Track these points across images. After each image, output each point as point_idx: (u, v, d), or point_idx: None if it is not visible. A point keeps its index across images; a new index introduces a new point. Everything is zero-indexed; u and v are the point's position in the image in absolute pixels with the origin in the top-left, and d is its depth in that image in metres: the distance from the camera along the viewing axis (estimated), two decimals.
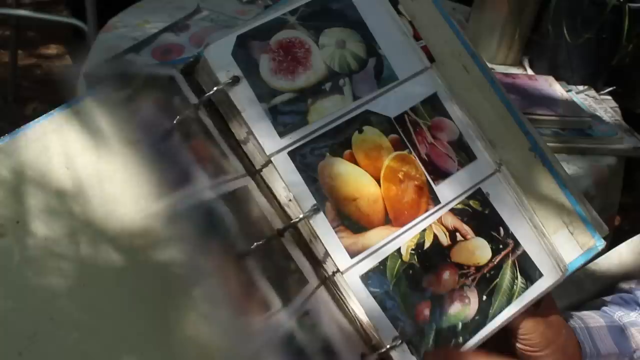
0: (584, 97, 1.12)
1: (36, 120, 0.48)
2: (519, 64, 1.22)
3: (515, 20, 1.14)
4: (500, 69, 1.18)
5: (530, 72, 1.20)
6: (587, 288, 0.77)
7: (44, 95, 2.14)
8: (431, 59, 0.55)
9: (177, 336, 0.46)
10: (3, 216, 0.46)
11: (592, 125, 1.03)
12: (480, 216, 0.53)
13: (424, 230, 0.51)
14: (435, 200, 0.52)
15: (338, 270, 0.49)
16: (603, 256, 0.83)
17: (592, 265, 0.84)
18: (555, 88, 1.08)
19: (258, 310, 0.46)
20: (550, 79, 1.11)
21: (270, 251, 0.48)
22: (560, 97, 1.06)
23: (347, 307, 0.49)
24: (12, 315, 0.45)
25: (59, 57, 2.46)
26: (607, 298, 0.65)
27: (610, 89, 1.17)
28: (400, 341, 0.48)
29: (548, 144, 0.94)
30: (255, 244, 0.47)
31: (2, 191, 0.46)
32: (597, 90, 1.16)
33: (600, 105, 1.11)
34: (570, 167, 0.97)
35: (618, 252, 0.83)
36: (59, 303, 0.45)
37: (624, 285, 0.67)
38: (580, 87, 1.15)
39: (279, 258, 0.49)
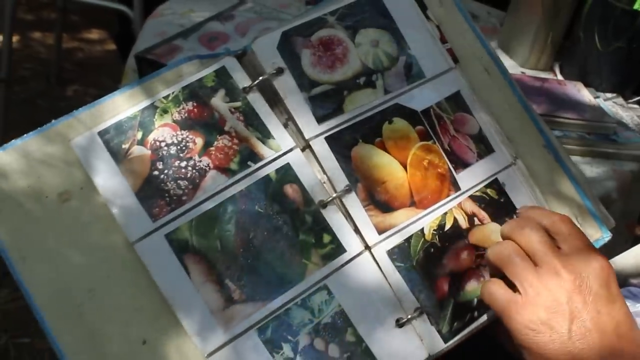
0: (611, 104, 1.15)
1: (112, 94, 0.54)
2: (550, 69, 1.24)
3: (548, 26, 1.16)
4: (531, 73, 1.21)
5: (560, 77, 1.22)
6: None
7: (84, 77, 2.22)
8: (455, 60, 0.60)
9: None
10: (70, 183, 0.52)
11: (617, 131, 1.06)
12: (497, 203, 0.57)
13: (445, 213, 0.56)
14: (456, 186, 0.57)
15: (367, 245, 0.54)
16: (619, 256, 0.86)
17: None
18: (584, 94, 1.11)
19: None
20: (579, 84, 1.14)
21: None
22: (588, 102, 1.08)
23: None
24: (74, 271, 0.50)
25: (101, 41, 2.55)
26: None
27: (639, 98, 1.19)
28: (421, 312, 0.53)
29: (573, 147, 0.99)
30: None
31: (69, 159, 0.52)
32: (626, 99, 1.18)
33: (627, 113, 1.13)
34: (593, 170, 1.00)
35: (634, 252, 0.87)
36: (116, 260, 0.50)
37: (634, 281, 0.71)
38: (609, 95, 1.17)
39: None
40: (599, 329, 0.46)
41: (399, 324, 0.53)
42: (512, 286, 0.49)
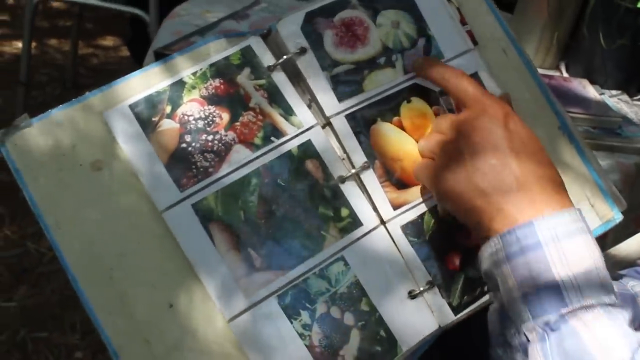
0: (616, 100, 1.16)
1: (130, 74, 0.56)
2: (556, 68, 1.26)
3: (554, 25, 1.18)
4: (538, 71, 1.22)
5: (566, 75, 1.24)
6: (608, 270, 0.83)
7: (99, 82, 2.28)
8: (474, 42, 0.62)
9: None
10: (102, 153, 0.54)
11: (621, 126, 1.08)
12: None
13: None
14: None
15: (382, 220, 0.56)
16: (623, 242, 0.88)
17: (612, 250, 0.90)
18: (589, 90, 1.13)
19: None
20: (585, 81, 1.16)
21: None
22: (593, 98, 1.11)
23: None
24: (106, 236, 0.53)
25: (115, 48, 2.63)
26: (623, 272, 0.71)
27: None
28: (432, 285, 0.56)
29: None
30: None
31: (101, 130, 0.55)
32: (630, 96, 1.20)
33: (632, 109, 1.15)
34: (598, 162, 1.02)
35: (638, 238, 0.89)
36: (145, 227, 0.53)
37: (639, 261, 0.73)
38: (614, 92, 1.19)
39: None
40: (501, 162, 0.49)
41: (411, 295, 0.55)
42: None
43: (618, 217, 0.62)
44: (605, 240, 0.95)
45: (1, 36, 2.52)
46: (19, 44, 2.25)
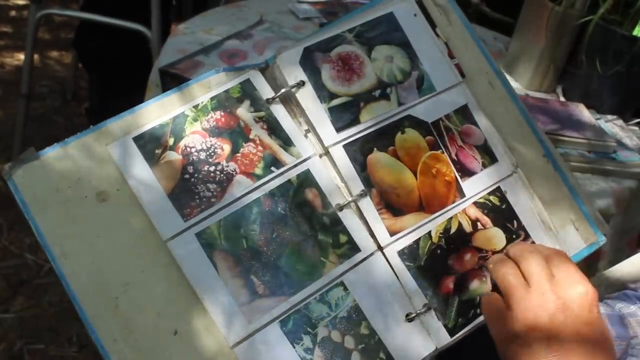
0: (612, 125, 1.19)
1: (146, 102, 0.58)
2: (553, 92, 1.29)
3: (551, 51, 1.21)
4: (535, 95, 1.25)
5: (562, 99, 1.27)
6: (600, 293, 0.86)
7: None
8: (462, 75, 0.65)
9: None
10: (107, 184, 0.56)
11: (616, 150, 1.10)
12: (498, 210, 0.62)
13: (451, 218, 0.61)
14: (461, 193, 0.61)
15: (380, 246, 0.58)
16: (616, 265, 0.91)
17: (606, 273, 0.92)
18: (585, 114, 1.16)
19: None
20: (581, 106, 1.18)
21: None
22: (589, 122, 1.13)
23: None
24: (111, 266, 0.54)
25: None
26: (613, 295, 0.74)
27: (638, 120, 1.23)
28: (428, 308, 0.58)
29: (574, 163, 1.04)
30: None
31: (106, 162, 0.56)
32: (625, 121, 1.22)
33: (627, 134, 1.18)
34: (592, 185, 1.05)
35: (631, 261, 0.91)
36: (150, 256, 0.55)
37: (631, 285, 0.76)
38: (609, 117, 1.22)
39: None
40: (576, 347, 0.49)
41: (409, 318, 0.57)
42: None
43: (601, 240, 0.65)
44: (599, 264, 0.97)
45: (3, 48, 2.52)
46: (21, 56, 2.25)
